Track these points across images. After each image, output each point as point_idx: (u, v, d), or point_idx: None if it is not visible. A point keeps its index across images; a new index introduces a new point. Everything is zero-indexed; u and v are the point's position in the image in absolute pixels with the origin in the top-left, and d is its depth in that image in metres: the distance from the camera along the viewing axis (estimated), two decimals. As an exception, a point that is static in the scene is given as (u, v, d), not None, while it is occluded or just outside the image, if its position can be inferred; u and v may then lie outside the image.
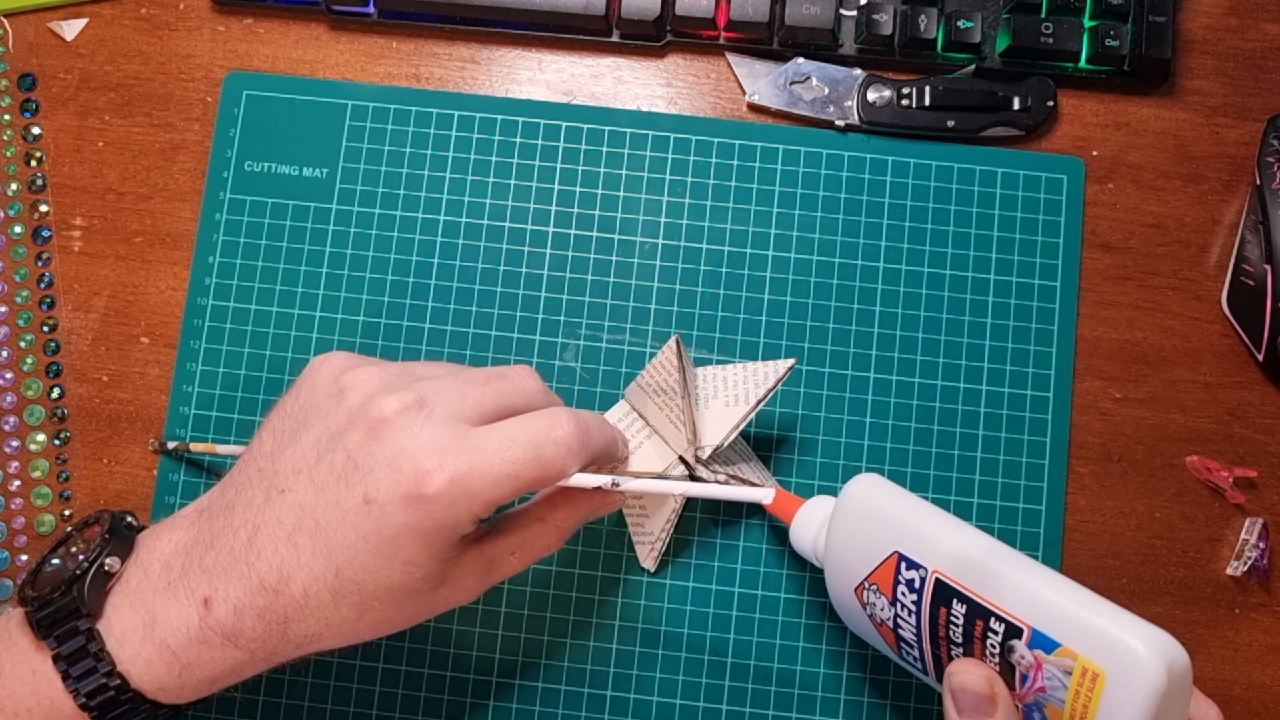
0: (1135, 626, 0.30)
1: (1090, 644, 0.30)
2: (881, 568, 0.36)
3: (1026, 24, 0.47)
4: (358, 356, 0.38)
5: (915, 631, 0.35)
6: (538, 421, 0.35)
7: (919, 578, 0.34)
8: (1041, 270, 0.47)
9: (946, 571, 0.34)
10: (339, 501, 0.33)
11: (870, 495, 0.37)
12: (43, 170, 0.49)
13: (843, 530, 0.37)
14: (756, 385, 0.42)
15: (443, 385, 0.35)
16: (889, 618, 0.36)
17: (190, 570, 0.34)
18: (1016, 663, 0.32)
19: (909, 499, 0.37)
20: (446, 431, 0.34)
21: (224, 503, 0.35)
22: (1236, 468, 0.45)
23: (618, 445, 0.39)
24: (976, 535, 0.35)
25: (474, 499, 0.33)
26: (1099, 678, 0.30)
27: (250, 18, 0.50)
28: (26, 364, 0.47)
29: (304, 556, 0.33)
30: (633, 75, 0.49)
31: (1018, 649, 0.32)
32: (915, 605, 0.35)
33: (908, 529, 0.35)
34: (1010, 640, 0.32)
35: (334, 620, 0.34)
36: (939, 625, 0.34)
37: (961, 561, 0.34)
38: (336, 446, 0.34)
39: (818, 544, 0.38)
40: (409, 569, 0.33)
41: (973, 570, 0.33)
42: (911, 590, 0.35)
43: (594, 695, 0.44)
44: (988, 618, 0.32)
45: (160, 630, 0.33)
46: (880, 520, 0.36)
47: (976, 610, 0.33)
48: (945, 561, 0.34)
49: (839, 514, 0.37)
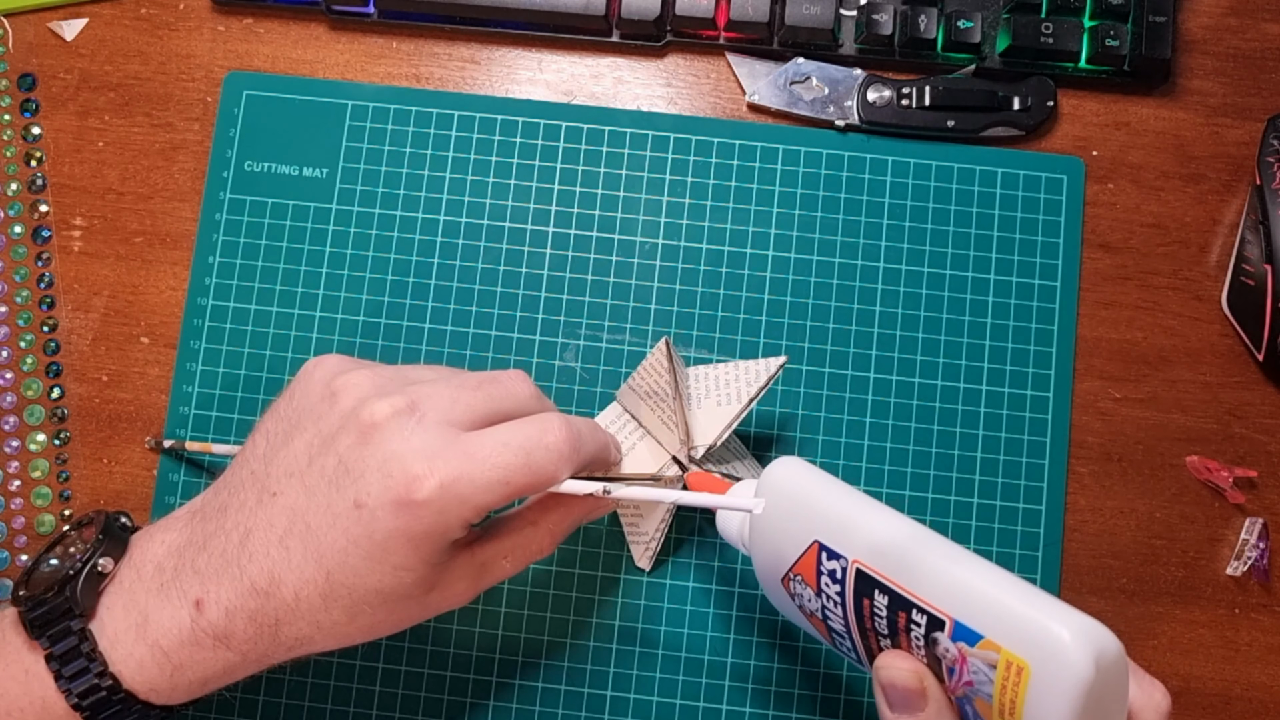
0: (1061, 615, 0.28)
1: (1013, 635, 0.28)
2: (804, 558, 0.34)
3: (1026, 24, 0.47)
4: (351, 359, 0.38)
5: (844, 622, 0.33)
6: (530, 427, 0.35)
7: (840, 568, 0.32)
8: (1041, 270, 0.47)
9: (866, 561, 0.32)
10: (330, 505, 0.33)
11: (789, 480, 0.35)
12: (43, 170, 0.49)
13: (765, 518, 0.35)
14: (748, 384, 0.42)
15: (435, 390, 0.35)
16: (817, 608, 0.34)
17: (183, 571, 0.34)
18: (942, 655, 0.30)
19: (830, 483, 0.35)
20: (437, 436, 0.34)
21: (217, 504, 0.35)
22: (1236, 468, 0.45)
23: (610, 450, 0.39)
24: (898, 520, 0.32)
25: (464, 504, 0.33)
26: (1024, 671, 0.28)
27: (250, 18, 0.50)
28: (26, 364, 0.47)
29: (295, 560, 0.33)
30: (633, 75, 0.49)
31: (941, 641, 0.30)
32: (839, 596, 0.33)
33: (827, 516, 0.33)
34: (933, 633, 0.30)
35: (325, 623, 0.34)
36: (864, 617, 0.32)
37: (880, 550, 0.31)
38: (328, 450, 0.34)
39: (743, 532, 0.37)
40: (399, 573, 0.33)
41: (892, 559, 0.31)
42: (834, 581, 0.33)
43: (594, 695, 0.44)
44: (909, 609, 0.31)
45: (152, 631, 0.33)
46: (800, 507, 0.34)
47: (898, 601, 0.31)
48: (864, 550, 0.32)
49: (764, 504, 0.35)
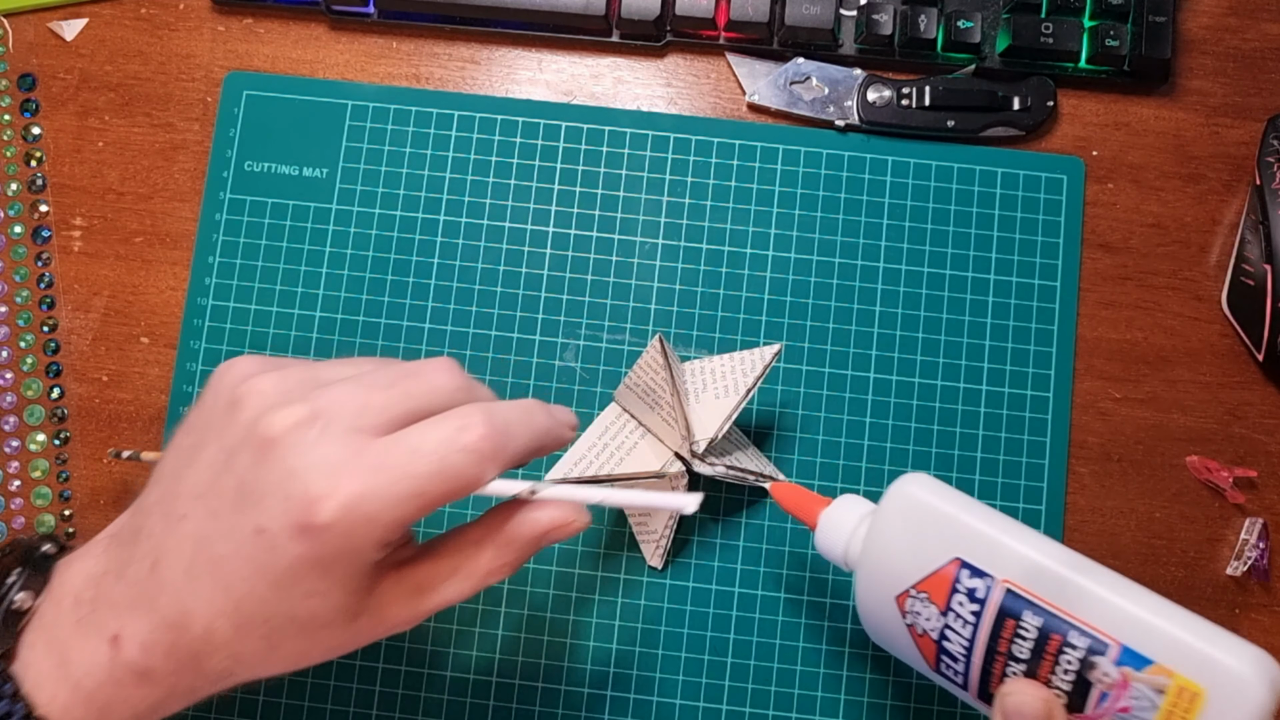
0: (1233, 643, 0.29)
1: (1188, 661, 0.29)
2: (937, 574, 0.33)
3: (1026, 24, 0.47)
4: (265, 360, 0.35)
5: (967, 644, 0.33)
6: (444, 427, 0.31)
7: (984, 586, 0.32)
8: (1041, 270, 0.47)
9: (1019, 581, 0.32)
10: (233, 531, 0.31)
11: (925, 496, 0.34)
12: (43, 170, 0.49)
13: (889, 533, 0.35)
14: (745, 374, 0.42)
15: (342, 393, 0.32)
16: (935, 628, 0.34)
17: (100, 604, 0.32)
18: (1097, 680, 0.30)
19: (971, 502, 0.34)
20: (342, 448, 0.31)
21: (132, 528, 0.33)
22: (1236, 468, 0.45)
23: (555, 434, 0.35)
24: (1052, 544, 0.33)
25: (373, 524, 0.30)
26: (1198, 697, 0.29)
27: (250, 18, 0.50)
28: (26, 364, 0.47)
29: (204, 591, 0.31)
30: (633, 75, 0.49)
31: (1100, 665, 0.30)
32: (975, 616, 0.32)
33: (972, 534, 0.33)
34: (1093, 656, 0.31)
35: (244, 655, 0.31)
36: (1000, 639, 0.32)
37: (1037, 572, 0.32)
38: (229, 469, 0.31)
39: (851, 547, 0.36)
40: (312, 600, 0.31)
41: (1050, 582, 0.31)
42: (972, 600, 0.32)
43: (594, 695, 0.44)
44: (1066, 632, 0.31)
45: (74, 671, 0.31)
46: (937, 523, 0.34)
47: (1054, 624, 0.31)
48: (1016, 571, 0.32)
49: (885, 515, 0.35)
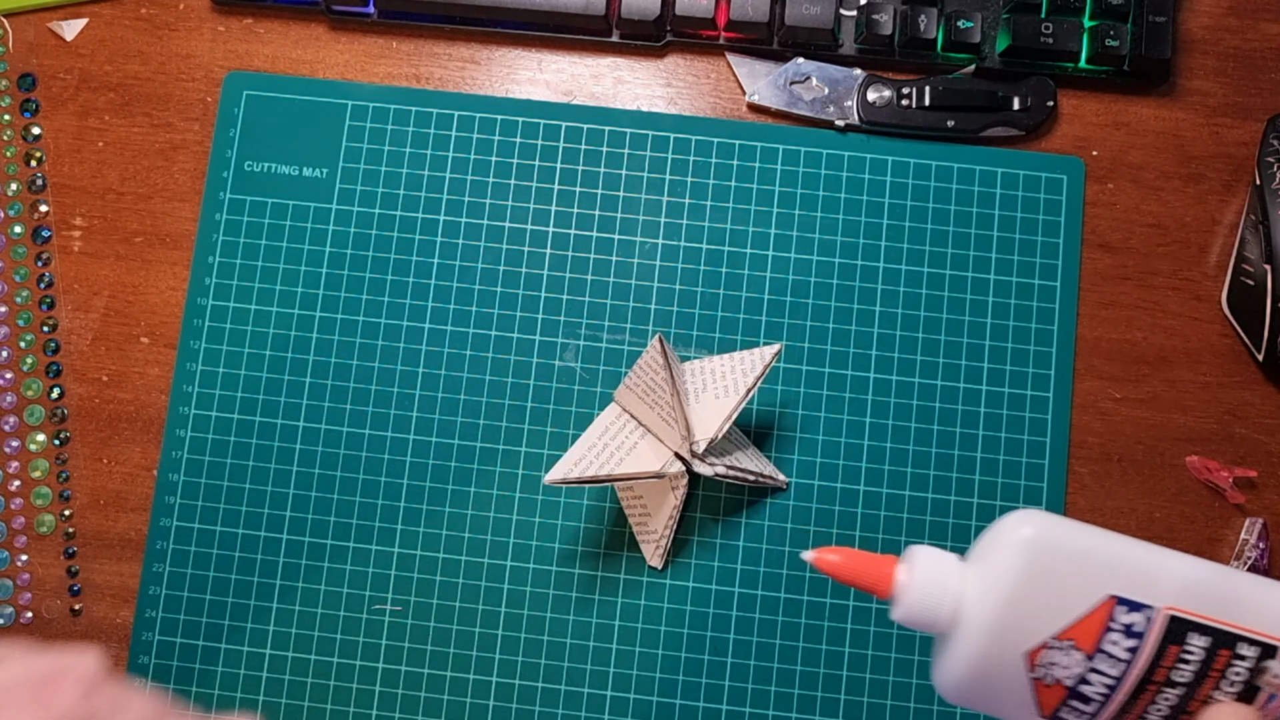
0: None
1: None
2: (1087, 618, 0.31)
3: (1026, 24, 0.47)
4: None
5: (1111, 684, 0.31)
6: None
7: (1144, 619, 0.31)
8: (1041, 270, 0.47)
9: (1181, 605, 0.31)
10: None
11: (1054, 536, 0.32)
12: (43, 170, 0.49)
13: (1012, 583, 0.31)
14: (745, 374, 0.42)
15: None
16: (1074, 675, 0.31)
17: None
18: (1267, 683, 0.31)
19: (1103, 532, 0.32)
20: None
21: None
22: (1236, 468, 0.45)
23: None
24: (1193, 559, 0.32)
25: None
26: None
27: (250, 18, 0.50)
28: (26, 364, 0.47)
29: None
30: (633, 75, 0.49)
31: (1272, 668, 0.30)
32: (1130, 652, 0.31)
33: (1121, 567, 0.31)
34: (1265, 661, 0.30)
35: None
36: (1159, 669, 0.31)
37: (1195, 591, 0.31)
38: None
39: (960, 608, 0.31)
40: None
41: (1210, 597, 0.31)
42: (1129, 635, 0.31)
43: (594, 695, 0.44)
44: (1234, 644, 0.31)
45: None
46: (1075, 563, 0.31)
47: (1221, 640, 0.31)
48: (1176, 595, 0.31)
49: (1002, 564, 0.31)
